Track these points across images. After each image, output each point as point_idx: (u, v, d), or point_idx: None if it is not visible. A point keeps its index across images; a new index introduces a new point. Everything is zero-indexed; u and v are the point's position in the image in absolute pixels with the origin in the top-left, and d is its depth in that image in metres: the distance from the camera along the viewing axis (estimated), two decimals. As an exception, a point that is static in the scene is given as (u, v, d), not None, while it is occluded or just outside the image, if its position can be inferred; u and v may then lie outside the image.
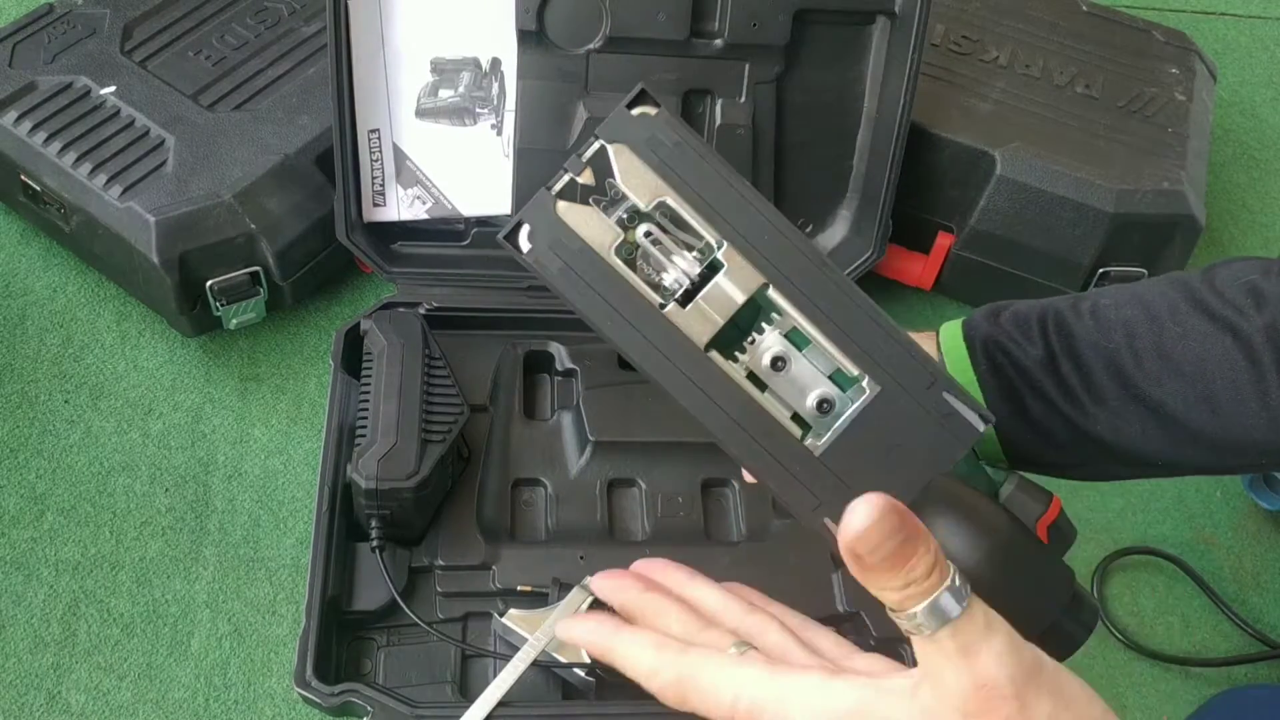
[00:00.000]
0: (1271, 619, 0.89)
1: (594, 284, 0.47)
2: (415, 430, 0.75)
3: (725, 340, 0.47)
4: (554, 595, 0.75)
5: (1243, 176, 1.23)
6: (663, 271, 0.47)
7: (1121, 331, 0.60)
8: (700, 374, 0.47)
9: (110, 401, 0.90)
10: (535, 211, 0.48)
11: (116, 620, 0.79)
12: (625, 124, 0.47)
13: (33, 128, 0.90)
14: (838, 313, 0.47)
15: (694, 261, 0.47)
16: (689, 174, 0.46)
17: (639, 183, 0.47)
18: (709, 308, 0.47)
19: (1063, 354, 0.61)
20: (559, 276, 0.47)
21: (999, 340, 0.62)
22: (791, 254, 0.47)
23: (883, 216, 0.93)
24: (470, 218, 0.93)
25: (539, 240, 0.48)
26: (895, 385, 0.47)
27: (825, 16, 0.90)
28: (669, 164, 0.46)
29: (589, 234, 0.47)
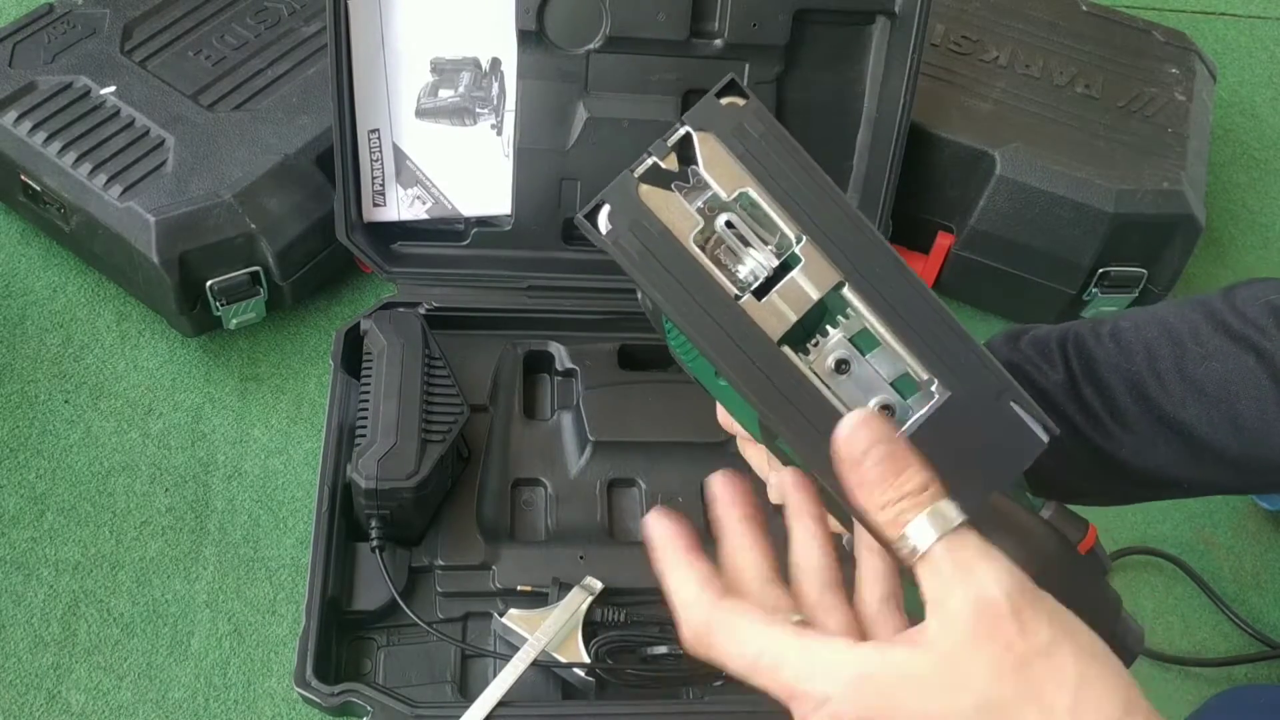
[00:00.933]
0: (1271, 619, 0.89)
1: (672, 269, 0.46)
2: (415, 430, 0.75)
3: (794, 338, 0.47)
4: (554, 595, 0.75)
5: (1243, 176, 1.23)
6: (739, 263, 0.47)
7: (1143, 354, 0.60)
8: (773, 368, 0.46)
9: (110, 401, 0.90)
10: (617, 193, 0.47)
11: (116, 620, 0.79)
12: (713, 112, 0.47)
13: (33, 128, 0.90)
14: (911, 315, 0.46)
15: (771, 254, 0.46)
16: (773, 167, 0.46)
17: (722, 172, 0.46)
18: (783, 302, 0.46)
19: (1084, 378, 0.61)
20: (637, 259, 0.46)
21: (1019, 365, 0.62)
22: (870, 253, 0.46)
23: (883, 217, 0.93)
24: (470, 218, 0.93)
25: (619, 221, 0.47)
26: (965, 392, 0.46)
27: (825, 16, 0.90)
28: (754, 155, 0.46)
29: (670, 219, 0.46)
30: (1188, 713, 0.82)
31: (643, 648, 0.74)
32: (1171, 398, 0.58)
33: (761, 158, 0.46)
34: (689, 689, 0.75)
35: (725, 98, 0.47)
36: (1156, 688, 0.85)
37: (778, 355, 0.46)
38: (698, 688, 0.75)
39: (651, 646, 0.74)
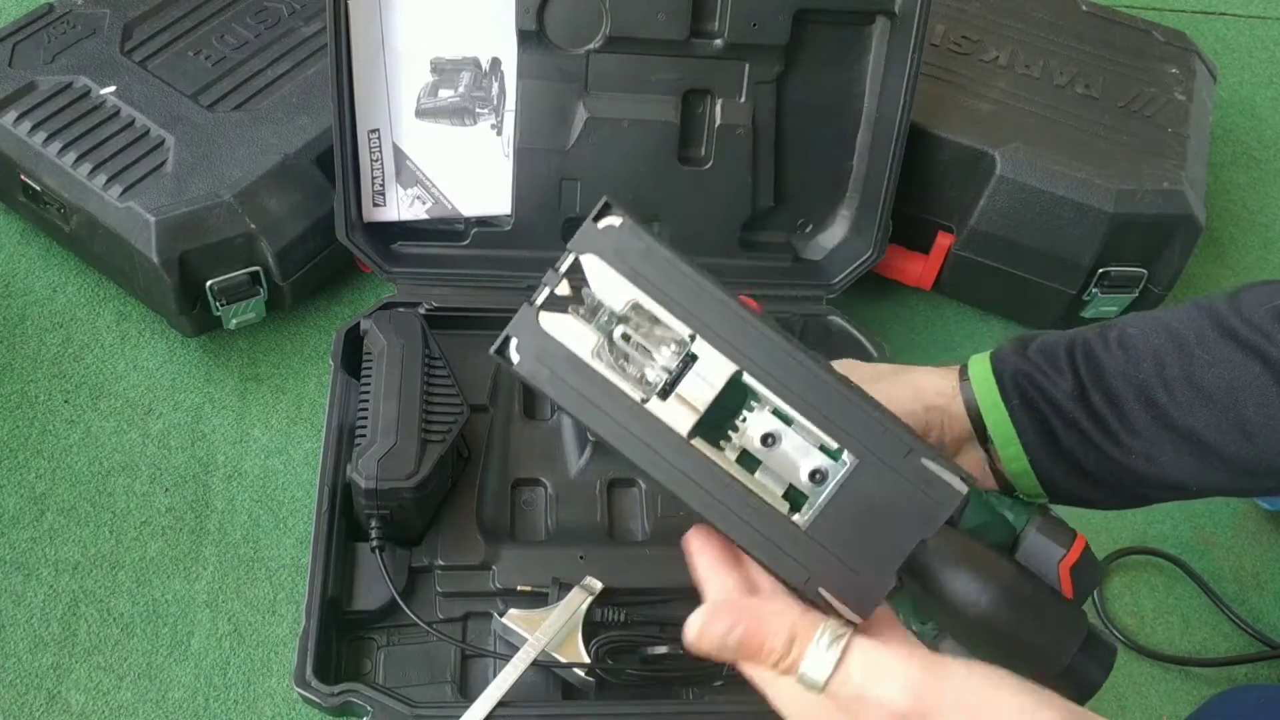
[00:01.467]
0: (1271, 619, 0.89)
1: (579, 387, 0.50)
2: (415, 430, 0.75)
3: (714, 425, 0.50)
4: (554, 595, 0.75)
5: (1243, 176, 1.23)
6: (644, 368, 0.50)
7: (1151, 361, 0.60)
8: (685, 461, 0.50)
9: (110, 401, 0.90)
10: (520, 325, 0.51)
11: (116, 620, 0.79)
12: (594, 236, 0.50)
13: (33, 128, 0.90)
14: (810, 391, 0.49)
15: (672, 356, 0.50)
16: (656, 276, 0.50)
17: (612, 288, 0.50)
18: (688, 398, 0.50)
19: (1093, 385, 0.61)
20: (548, 383, 0.50)
21: (1028, 373, 0.63)
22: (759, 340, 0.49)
23: (883, 216, 0.93)
24: (470, 218, 0.93)
25: (526, 351, 0.50)
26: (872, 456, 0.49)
27: (825, 16, 0.90)
28: (637, 269, 0.50)
29: (570, 341, 0.50)
30: (1188, 713, 0.82)
31: (643, 648, 0.74)
32: (1179, 405, 0.59)
33: (644, 270, 0.50)
34: (689, 689, 0.75)
35: (601, 220, 0.50)
36: (1156, 688, 0.85)
37: (687, 448, 0.50)
38: (698, 688, 0.75)
39: (651, 646, 0.74)
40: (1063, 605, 0.52)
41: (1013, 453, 0.62)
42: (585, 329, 0.50)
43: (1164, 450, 0.60)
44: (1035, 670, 0.50)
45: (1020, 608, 0.51)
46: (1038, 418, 0.62)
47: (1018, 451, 0.62)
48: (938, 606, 0.51)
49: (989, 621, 0.50)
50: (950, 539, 0.51)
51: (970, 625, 0.51)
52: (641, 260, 0.50)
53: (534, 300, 0.51)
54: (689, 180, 0.93)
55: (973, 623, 0.50)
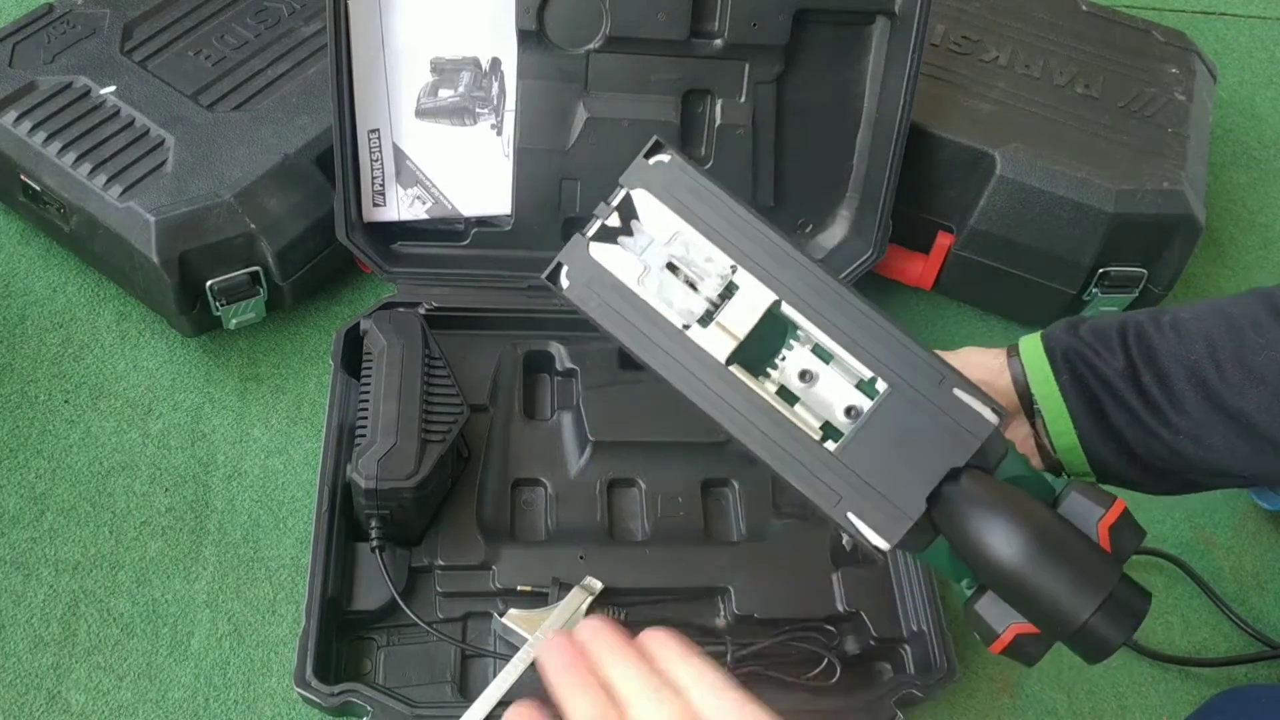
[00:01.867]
0: (1271, 619, 0.89)
1: (625, 313, 0.53)
2: (415, 430, 0.75)
3: (754, 359, 0.53)
4: (554, 595, 0.76)
5: (1243, 176, 1.23)
6: (688, 297, 0.53)
7: (1203, 343, 0.60)
8: (722, 386, 0.52)
9: (110, 401, 0.90)
10: (571, 254, 0.54)
11: (116, 620, 0.79)
12: (644, 171, 0.54)
13: (33, 128, 0.90)
14: (846, 321, 0.51)
15: (715, 286, 0.53)
16: (702, 210, 0.53)
17: (659, 221, 0.53)
18: (728, 326, 0.52)
19: (1144, 365, 0.61)
20: (596, 309, 0.53)
21: (1080, 351, 0.63)
22: (799, 272, 0.52)
23: (883, 216, 0.93)
24: (470, 218, 0.93)
25: (576, 279, 0.54)
26: (905, 384, 0.50)
27: (825, 16, 0.90)
28: (684, 203, 0.53)
29: (618, 269, 0.53)
30: (1188, 713, 0.82)
31: (643, 648, 0.73)
32: (1230, 386, 0.59)
33: (691, 204, 0.53)
34: (689, 689, 0.74)
35: (652, 157, 0.54)
36: (1156, 688, 0.85)
37: (725, 374, 0.52)
38: (698, 688, 0.74)
39: (651, 646, 0.74)
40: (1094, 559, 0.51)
41: (1062, 428, 0.62)
42: (632, 258, 0.53)
43: (1213, 432, 0.60)
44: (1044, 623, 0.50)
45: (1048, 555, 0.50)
46: (1088, 395, 0.62)
47: (1067, 427, 0.62)
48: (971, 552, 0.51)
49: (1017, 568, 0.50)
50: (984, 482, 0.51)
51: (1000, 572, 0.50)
52: (689, 194, 0.53)
53: (586, 231, 0.54)
54: (689, 180, 0.92)
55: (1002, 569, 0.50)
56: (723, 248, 0.52)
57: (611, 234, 0.54)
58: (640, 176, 0.53)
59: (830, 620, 0.78)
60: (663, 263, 0.53)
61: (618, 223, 0.54)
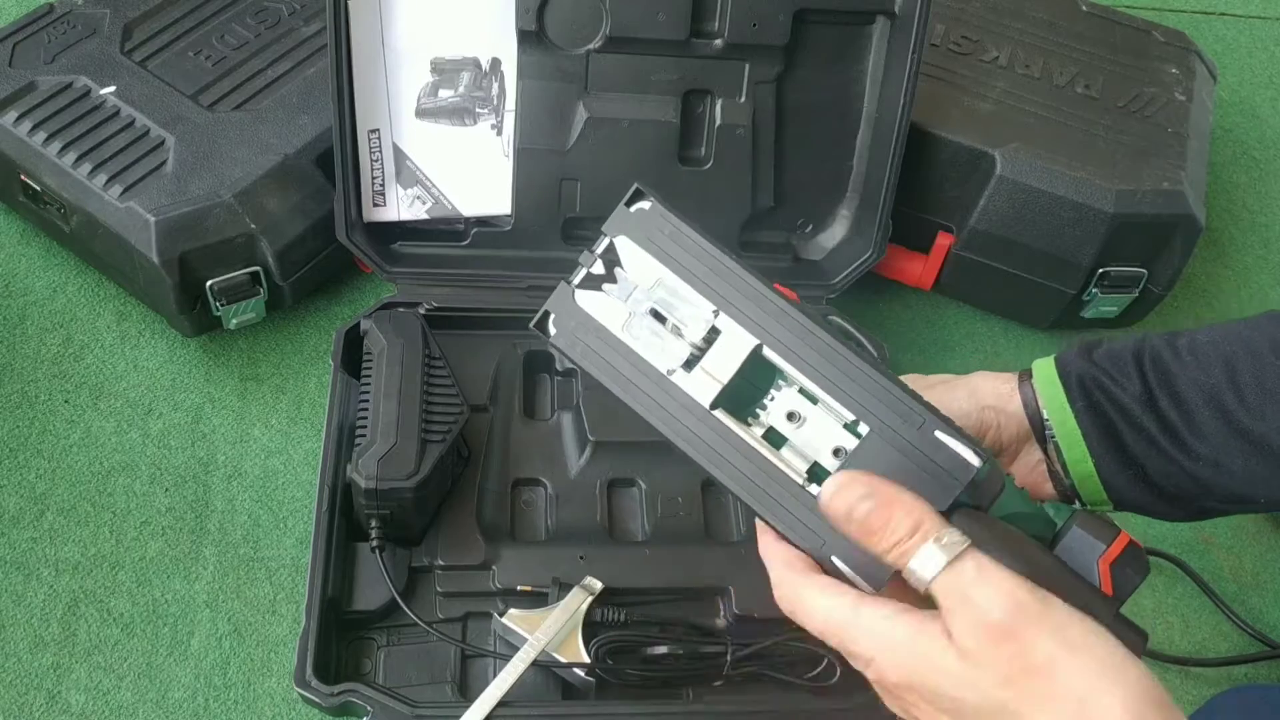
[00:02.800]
0: (1271, 619, 0.89)
1: (610, 359, 0.54)
2: (415, 430, 0.75)
3: (740, 402, 0.53)
4: (554, 595, 0.75)
5: (1243, 176, 1.23)
6: (672, 343, 0.54)
7: (1222, 367, 0.60)
8: (707, 430, 0.53)
9: (110, 401, 0.90)
10: (558, 302, 0.55)
11: (116, 620, 0.79)
12: (625, 219, 0.54)
13: (33, 128, 0.90)
14: (826, 364, 0.52)
15: (698, 332, 0.53)
16: (683, 256, 0.54)
17: (642, 268, 0.54)
18: (712, 371, 0.53)
19: (1161, 390, 0.61)
20: (582, 356, 0.54)
21: (1095, 377, 0.62)
22: (779, 315, 0.53)
23: (883, 216, 0.93)
24: (470, 218, 0.93)
25: (563, 326, 0.55)
26: (886, 427, 0.51)
27: (825, 16, 0.90)
28: (665, 249, 0.54)
29: (603, 316, 0.54)
30: (1188, 713, 0.82)
31: (643, 648, 0.73)
32: (1250, 409, 0.58)
33: (671, 250, 0.54)
34: (689, 689, 0.75)
35: (633, 205, 0.54)
36: (1156, 688, 0.85)
37: (709, 418, 0.53)
38: (697, 688, 0.75)
39: (651, 646, 0.74)
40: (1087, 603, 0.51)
41: (1078, 455, 0.61)
42: (617, 305, 0.54)
43: (1233, 457, 0.59)
44: None
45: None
46: (1104, 422, 0.61)
47: (1083, 454, 0.61)
48: None
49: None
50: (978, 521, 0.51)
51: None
52: (669, 241, 0.54)
53: (571, 279, 0.55)
54: (689, 180, 0.92)
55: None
56: (704, 293, 0.53)
57: (597, 281, 0.55)
58: (622, 224, 0.54)
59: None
60: (646, 309, 0.54)
61: (602, 270, 0.54)
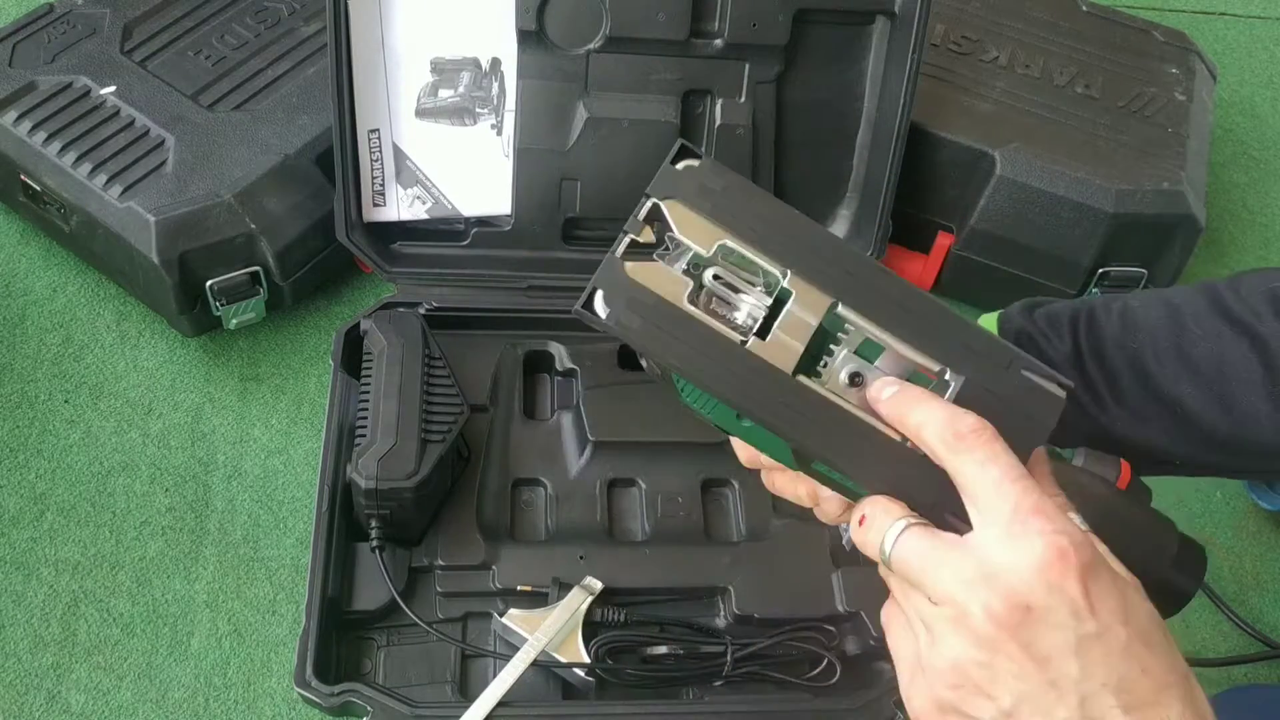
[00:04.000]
0: (1271, 619, 0.89)
1: (676, 334, 0.48)
2: (415, 430, 0.75)
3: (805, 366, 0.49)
4: (554, 595, 0.75)
5: (1243, 176, 1.23)
6: (736, 310, 0.49)
7: (1146, 332, 0.62)
8: (796, 399, 0.48)
9: (110, 401, 0.90)
10: (606, 276, 0.49)
11: (116, 620, 0.79)
12: (673, 179, 0.49)
13: (33, 128, 0.90)
14: (907, 315, 0.48)
15: (764, 294, 0.49)
16: (741, 214, 0.48)
17: (696, 231, 0.48)
18: (787, 335, 0.48)
19: (1089, 352, 0.63)
20: (642, 334, 0.48)
21: (1030, 334, 0.65)
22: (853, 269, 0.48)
23: (883, 216, 0.93)
24: (470, 218, 0.93)
25: (615, 303, 0.48)
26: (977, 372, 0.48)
27: (825, 16, 0.90)
28: (721, 208, 0.48)
29: (661, 288, 0.48)
30: (1188, 713, 0.82)
31: (643, 648, 0.74)
32: (1167, 375, 0.61)
33: (729, 209, 0.48)
34: (689, 689, 0.75)
35: (680, 162, 0.49)
36: (1156, 688, 0.85)
37: (797, 386, 0.48)
38: (697, 688, 0.75)
39: (651, 646, 0.74)
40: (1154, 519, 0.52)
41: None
42: (673, 274, 0.49)
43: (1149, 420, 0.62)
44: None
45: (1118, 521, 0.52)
46: None
47: None
48: None
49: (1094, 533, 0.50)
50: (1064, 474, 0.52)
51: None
52: (725, 198, 0.49)
53: (616, 250, 0.49)
54: (689, 180, 0.92)
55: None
56: (770, 252, 0.48)
57: (646, 250, 0.49)
58: (670, 185, 0.49)
59: (830, 620, 0.78)
60: (709, 275, 0.49)
61: (651, 238, 0.49)
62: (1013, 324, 0.66)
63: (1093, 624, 0.42)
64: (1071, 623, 0.42)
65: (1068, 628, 0.42)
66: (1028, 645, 0.42)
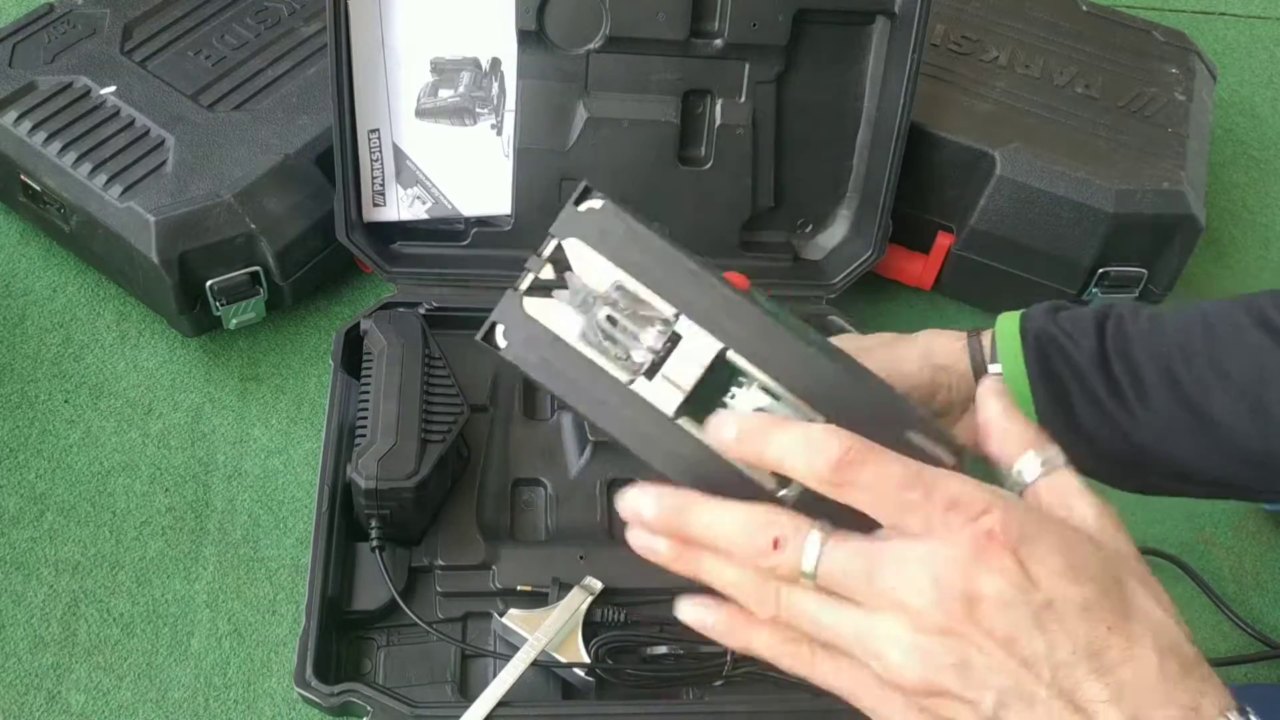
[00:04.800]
0: (1271, 619, 0.89)
1: (565, 370, 0.50)
2: (415, 430, 0.75)
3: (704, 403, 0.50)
4: (554, 595, 0.75)
5: (1243, 176, 1.23)
6: (630, 349, 0.50)
7: (1177, 337, 0.60)
8: (672, 441, 0.49)
9: (110, 401, 0.90)
10: (506, 310, 0.52)
11: (116, 620, 0.79)
12: (575, 219, 0.51)
13: (33, 128, 0.90)
14: (797, 364, 0.49)
15: (657, 336, 0.50)
16: (639, 257, 0.50)
17: (595, 271, 0.51)
18: (674, 377, 0.50)
19: (1116, 354, 0.61)
20: (537, 367, 0.51)
21: (1053, 335, 0.62)
22: (745, 316, 0.49)
23: (883, 216, 0.93)
24: (470, 218, 0.93)
25: (513, 337, 0.51)
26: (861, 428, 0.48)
27: (825, 16, 0.90)
28: (619, 251, 0.50)
29: (555, 325, 0.51)
30: (1188, 713, 0.82)
31: (643, 648, 0.74)
32: (1199, 382, 0.58)
33: (627, 251, 0.50)
34: (689, 689, 0.75)
35: (583, 204, 0.50)
36: (1156, 688, 0.85)
37: (675, 429, 0.49)
38: (698, 687, 0.75)
39: (651, 646, 0.74)
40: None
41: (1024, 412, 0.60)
42: (570, 312, 0.51)
43: (1176, 428, 0.59)
44: None
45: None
46: (1054, 380, 0.61)
47: (1029, 413, 0.60)
48: None
49: None
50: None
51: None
52: (624, 241, 0.50)
53: (518, 286, 0.52)
54: (689, 180, 0.93)
55: None
56: (663, 295, 0.50)
57: (546, 287, 0.51)
58: (572, 225, 0.51)
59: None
60: (602, 315, 0.50)
61: (552, 275, 0.51)
62: (1035, 324, 0.63)
63: (1039, 594, 0.41)
64: (1020, 597, 0.41)
65: (1019, 603, 0.41)
66: (990, 631, 0.41)
